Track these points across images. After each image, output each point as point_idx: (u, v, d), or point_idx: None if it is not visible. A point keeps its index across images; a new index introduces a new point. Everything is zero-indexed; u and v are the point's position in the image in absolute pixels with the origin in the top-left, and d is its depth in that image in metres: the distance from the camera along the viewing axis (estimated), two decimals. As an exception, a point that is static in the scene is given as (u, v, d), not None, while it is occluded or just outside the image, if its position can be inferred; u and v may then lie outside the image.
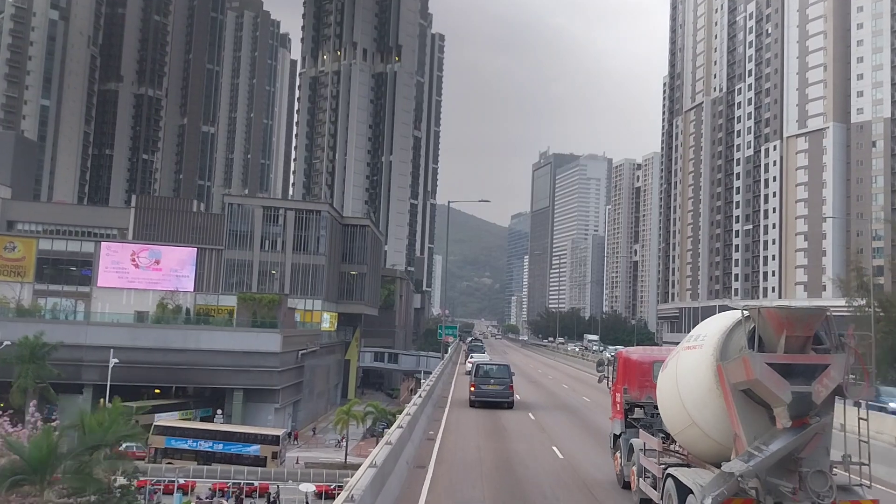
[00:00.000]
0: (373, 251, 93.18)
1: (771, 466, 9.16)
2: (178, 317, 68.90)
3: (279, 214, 77.55)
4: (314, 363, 74.12)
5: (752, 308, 9.75)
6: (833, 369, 9.19)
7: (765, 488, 9.23)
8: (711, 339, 10.17)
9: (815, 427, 9.22)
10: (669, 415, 11.68)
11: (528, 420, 26.87)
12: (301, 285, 77.19)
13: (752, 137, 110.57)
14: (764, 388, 9.12)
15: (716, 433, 10.20)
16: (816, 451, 9.42)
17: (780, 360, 9.17)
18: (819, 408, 9.24)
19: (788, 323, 9.33)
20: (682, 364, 10.98)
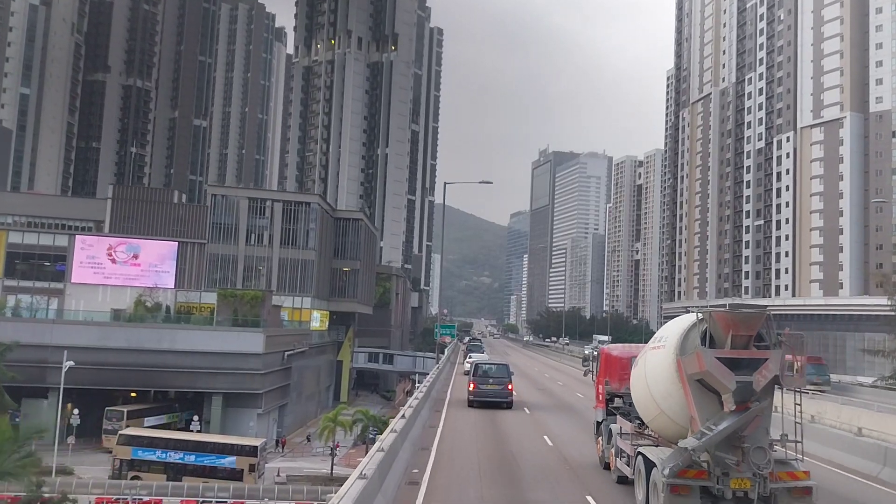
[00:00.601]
0: (367, 247, 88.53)
1: (719, 443, 11.16)
2: (156, 315, 64.17)
3: (266, 206, 72.85)
4: (303, 364, 69.51)
5: (704, 311, 11.83)
6: (771, 363, 11.06)
7: (714, 461, 11.28)
8: (672, 339, 12.10)
9: (755, 410, 11.18)
10: (642, 405, 13.70)
11: (541, 441, 22.85)
12: (289, 282, 72.51)
13: (763, 129, 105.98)
14: (714, 377, 11.08)
15: (680, 419, 12.09)
16: (757, 430, 11.36)
17: (727, 354, 11.19)
18: (759, 395, 11.16)
19: (734, 324, 11.39)
20: (650, 362, 12.98)
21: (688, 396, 11.64)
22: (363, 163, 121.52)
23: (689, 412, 11.70)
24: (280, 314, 65.14)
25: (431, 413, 26.44)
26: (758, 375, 11.07)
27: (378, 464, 12.40)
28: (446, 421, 25.74)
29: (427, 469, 16.89)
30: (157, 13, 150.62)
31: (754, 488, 11.24)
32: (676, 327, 12.42)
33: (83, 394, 54.64)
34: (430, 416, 25.70)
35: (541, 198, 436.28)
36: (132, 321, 58.26)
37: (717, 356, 11.11)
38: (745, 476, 11.23)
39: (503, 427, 25.25)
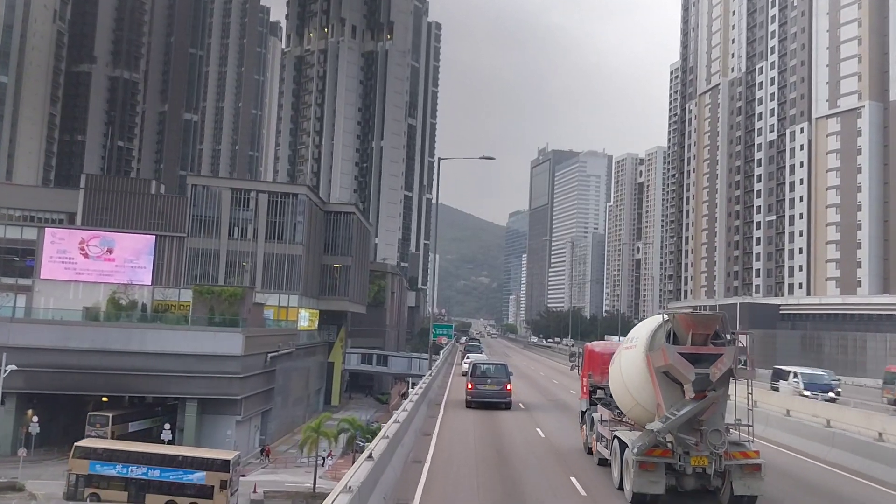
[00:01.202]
0: (360, 242, 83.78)
1: (681, 426, 13.17)
2: (132, 314, 59.39)
3: (250, 198, 68.10)
4: (289, 366, 64.76)
5: (669, 313, 14.20)
6: (725, 357, 13.13)
7: (676, 441, 13.33)
8: (642, 338, 14.25)
9: (712, 398, 13.24)
10: (619, 396, 16.04)
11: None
12: (275, 278, 67.78)
13: (775, 120, 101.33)
14: (676, 370, 13.16)
15: (651, 407, 14.13)
16: (714, 415, 13.39)
17: (688, 350, 13.31)
18: (715, 384, 13.22)
19: (694, 324, 13.55)
20: (624, 360, 15.33)
21: (655, 386, 13.55)
22: (357, 156, 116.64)
23: (656, 399, 13.64)
24: (263, 313, 60.39)
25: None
26: (714, 368, 13.04)
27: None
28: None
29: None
30: (146, 3, 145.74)
31: (711, 465, 13.20)
32: (646, 328, 14.41)
33: (47, 399, 50.05)
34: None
35: (540, 197, 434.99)
36: (102, 320, 53.41)
37: (680, 351, 13.14)
38: (703, 454, 13.14)
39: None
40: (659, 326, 13.87)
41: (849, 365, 79.44)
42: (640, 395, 14.37)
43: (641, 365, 13.98)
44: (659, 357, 13.28)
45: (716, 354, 13.15)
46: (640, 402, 14.49)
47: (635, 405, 14.87)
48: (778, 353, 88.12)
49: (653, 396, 13.79)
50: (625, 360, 15.18)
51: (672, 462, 13.41)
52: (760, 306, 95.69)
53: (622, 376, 15.32)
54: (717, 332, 13.61)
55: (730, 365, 13.11)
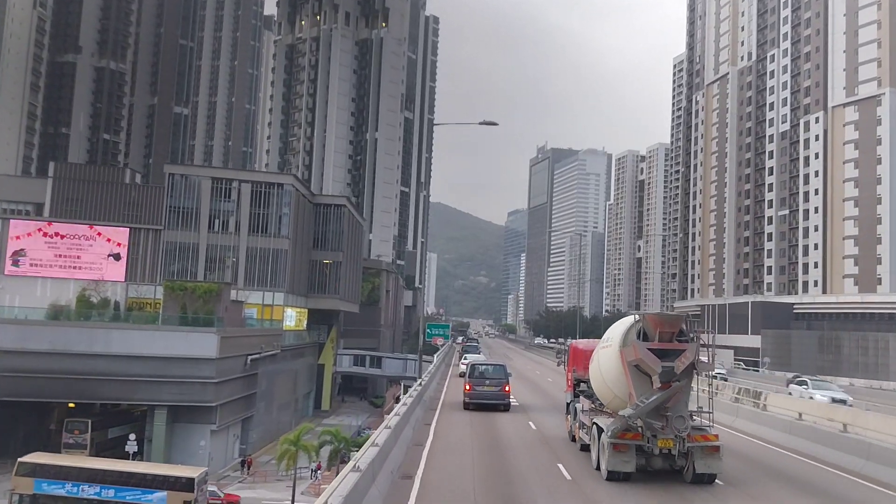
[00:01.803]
0: (352, 237, 79.06)
1: (649, 412, 15.13)
2: (104, 313, 54.61)
3: (232, 188, 63.34)
4: (273, 369, 60.07)
5: (640, 314, 16.43)
6: (688, 353, 15.07)
7: (645, 426, 15.27)
8: (616, 336, 16.34)
9: (676, 388, 15.20)
10: (599, 389, 18.23)
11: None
12: (259, 274, 63.05)
13: (788, 110, 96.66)
14: (645, 363, 15.10)
15: (626, 397, 15.95)
16: (679, 403, 15.47)
17: (655, 346, 15.26)
18: (679, 376, 15.09)
19: (661, 323, 15.66)
20: (602, 356, 17.54)
21: (627, 377, 15.77)
22: (351, 148, 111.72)
23: (628, 389, 15.79)
24: (243, 311, 55.63)
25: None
26: (678, 362, 15.11)
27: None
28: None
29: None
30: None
31: (676, 447, 15.41)
32: (620, 328, 16.71)
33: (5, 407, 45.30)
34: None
35: (539, 195, 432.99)
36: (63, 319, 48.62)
37: (648, 347, 15.32)
38: (669, 437, 15.37)
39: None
40: (631, 326, 16.00)
41: (870, 367, 74.86)
42: (616, 387, 16.54)
43: (616, 360, 16.07)
44: (631, 352, 15.35)
45: (680, 350, 15.17)
46: (616, 393, 16.62)
47: (612, 396, 17.01)
48: (793, 355, 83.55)
49: (626, 387, 15.80)
50: (602, 357, 17.49)
51: (642, 444, 15.47)
52: (773, 305, 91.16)
53: (600, 370, 17.53)
54: (682, 330, 15.79)
55: (692, 359, 15.07)
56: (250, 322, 60.98)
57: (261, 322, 62.86)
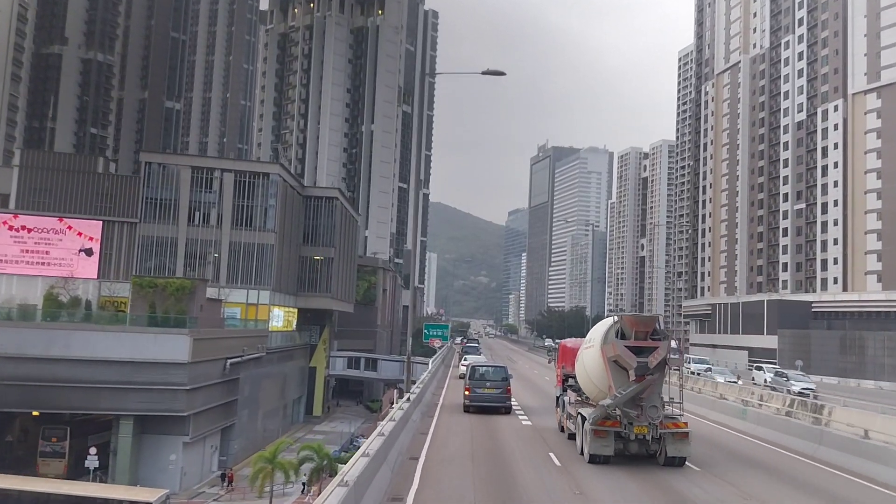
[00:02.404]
0: (345, 232, 74.42)
1: (626, 402, 17.25)
2: (75, 313, 49.97)
3: (213, 177, 58.69)
4: (258, 373, 55.48)
5: (618, 316, 18.67)
6: (660, 350, 17.25)
7: (623, 414, 17.38)
8: (597, 338, 18.65)
9: (650, 381, 17.33)
10: (583, 383, 20.68)
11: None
12: (243, 271, 58.41)
13: (804, 98, 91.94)
14: (623, 359, 17.26)
15: (606, 389, 18.29)
16: (652, 394, 17.52)
17: (632, 344, 17.45)
18: (652, 371, 17.24)
19: (636, 323, 17.93)
20: (586, 358, 19.97)
21: (607, 372, 17.89)
22: (346, 141, 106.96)
23: (608, 382, 17.99)
24: (221, 310, 50.99)
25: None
26: (651, 358, 17.19)
27: None
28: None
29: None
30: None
31: (650, 433, 17.47)
32: (601, 329, 19.12)
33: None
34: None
35: (540, 194, 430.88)
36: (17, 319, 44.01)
37: (625, 345, 17.47)
38: (644, 424, 17.41)
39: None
40: (611, 326, 18.49)
41: (896, 370, 70.37)
42: (598, 380, 19.04)
43: (598, 356, 18.54)
44: (610, 349, 17.81)
45: (653, 347, 17.56)
46: (598, 386, 19.17)
47: (594, 388, 19.59)
48: (813, 356, 78.82)
49: (606, 380, 18.22)
50: (586, 354, 20.21)
51: (620, 430, 17.76)
52: (790, 303, 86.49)
53: (584, 366, 20.18)
54: (655, 329, 18.21)
55: (664, 355, 17.52)
56: (232, 322, 56.42)
57: (245, 322, 58.27)
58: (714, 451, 21.00)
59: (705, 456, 19.69)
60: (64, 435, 41.80)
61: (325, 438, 67.04)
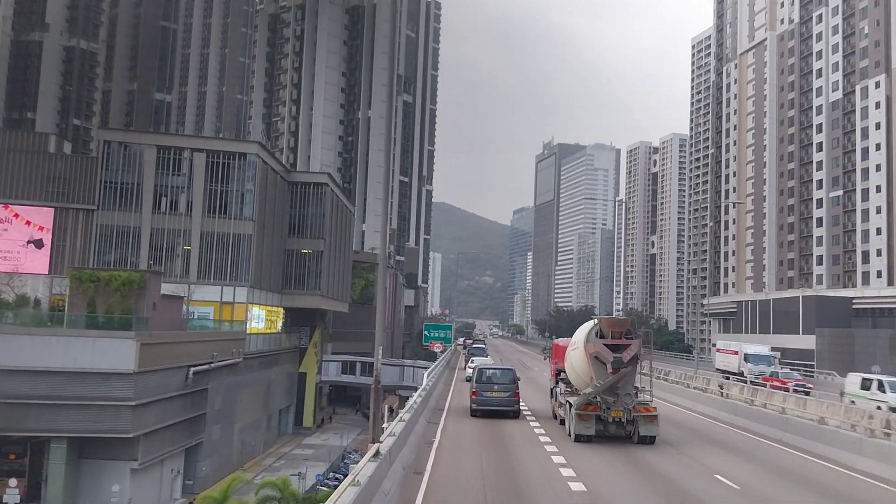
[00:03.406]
0: (337, 223, 67.05)
1: (604, 390, 21.14)
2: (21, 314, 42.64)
3: (182, 158, 51.31)
4: (234, 382, 48.15)
5: (597, 319, 22.94)
6: (632, 347, 21.07)
7: (602, 400, 21.27)
8: (581, 337, 22.71)
9: (624, 373, 21.00)
10: (571, 377, 24.40)
11: None
12: (216, 265, 50.99)
13: (839, 76, 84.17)
14: (601, 354, 21.03)
15: (589, 380, 21.95)
16: (626, 384, 21.41)
17: (609, 342, 21.26)
18: (626, 364, 20.91)
19: (613, 325, 21.99)
20: (573, 358, 23.56)
21: (589, 365, 21.58)
22: (341, 128, 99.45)
23: (590, 374, 21.58)
24: (182, 309, 43.57)
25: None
26: (625, 354, 20.93)
27: None
28: None
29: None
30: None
31: (624, 416, 21.29)
32: (584, 329, 23.20)
33: None
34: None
35: (545, 193, 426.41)
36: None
37: (604, 343, 21.35)
38: (619, 409, 21.26)
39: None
40: (592, 327, 22.38)
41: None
42: (582, 372, 22.58)
43: (582, 352, 22.18)
44: (591, 346, 21.47)
45: (626, 345, 21.28)
46: (582, 377, 22.71)
47: (579, 379, 23.18)
48: (857, 357, 70.88)
49: (589, 372, 21.72)
50: (573, 358, 23.58)
51: (600, 414, 21.46)
52: (828, 300, 78.73)
53: (571, 361, 23.86)
54: (629, 330, 22.11)
55: (636, 352, 21.27)
56: (201, 324, 49.08)
57: (219, 324, 50.87)
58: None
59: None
60: (24, 451, 35.29)
61: (313, 454, 59.73)
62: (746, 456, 20.36)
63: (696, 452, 20.70)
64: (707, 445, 22.15)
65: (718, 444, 22.46)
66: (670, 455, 20.01)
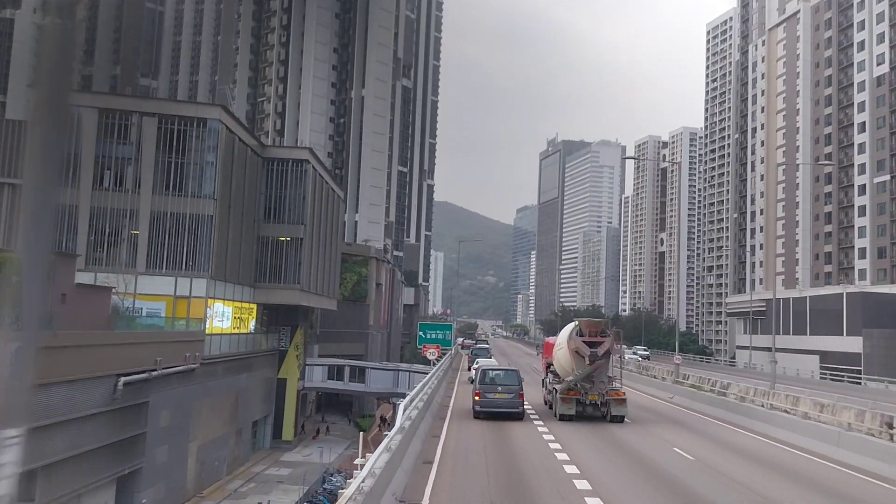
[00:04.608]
0: (321, 207, 58.62)
1: (583, 378, 26.47)
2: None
3: (130, 124, 42.90)
4: (187, 393, 39.77)
5: (577, 321, 28.15)
6: (605, 343, 26.08)
7: (581, 387, 26.82)
8: (565, 337, 28.29)
9: (598, 364, 26.06)
10: (558, 369, 29.62)
11: None
12: (169, 252, 42.52)
13: (885, 48, 75.57)
14: (581, 349, 25.98)
15: (570, 370, 27.08)
16: (601, 373, 26.85)
17: (587, 339, 26.28)
18: (600, 358, 25.99)
19: (590, 325, 27.19)
20: (559, 356, 29.02)
21: (571, 358, 26.66)
22: (332, 109, 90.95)
23: (572, 365, 26.77)
24: (109, 301, 34.99)
25: None
26: (599, 349, 25.93)
27: None
28: None
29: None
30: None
31: (599, 399, 26.69)
32: (567, 330, 29.21)
33: None
34: None
35: (549, 191, 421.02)
36: None
37: (582, 340, 26.31)
38: (595, 393, 26.68)
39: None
40: (573, 328, 27.65)
41: None
42: (565, 364, 27.66)
43: (565, 347, 27.38)
44: (573, 343, 26.51)
45: (601, 342, 26.31)
46: (566, 368, 27.76)
47: (563, 370, 28.28)
48: (914, 362, 62.61)
49: (570, 364, 26.92)
50: (559, 356, 28.98)
51: (579, 397, 26.79)
52: (877, 297, 70.05)
53: (558, 356, 29.57)
54: (603, 329, 27.18)
55: (608, 347, 26.33)
56: (150, 322, 40.66)
57: (172, 322, 42.43)
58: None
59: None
60: None
61: (290, 474, 51.22)
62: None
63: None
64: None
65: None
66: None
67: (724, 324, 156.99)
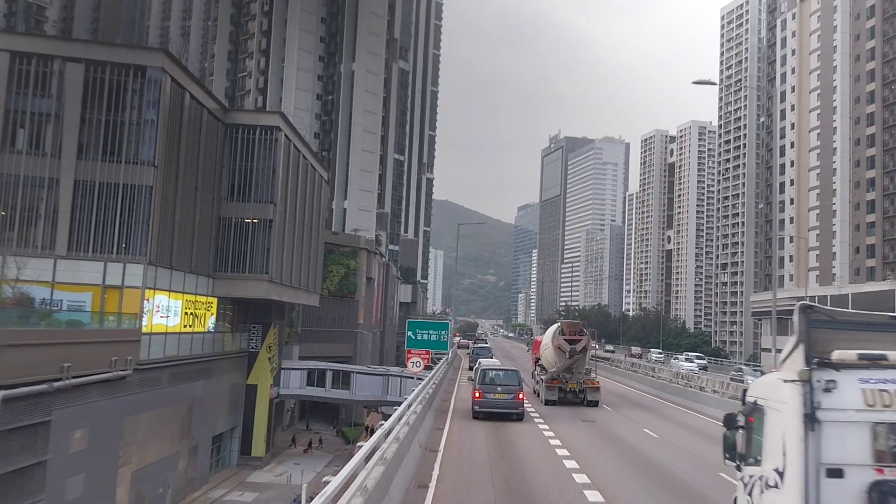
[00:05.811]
0: (297, 184, 50.22)
1: (564, 370, 33.95)
2: None
3: (51, 72, 34.55)
4: (114, 406, 31.52)
5: (560, 322, 38.22)
6: (583, 341, 33.88)
7: (562, 377, 34.10)
8: (549, 336, 36.59)
9: (576, 358, 33.53)
10: (544, 363, 36.96)
11: None
12: (97, 230, 34.12)
13: (939, 15, 67.16)
14: (562, 346, 33.62)
15: (554, 363, 34.42)
16: (579, 365, 34.06)
17: (567, 337, 34.01)
18: (578, 353, 33.47)
19: (570, 326, 35.36)
20: (545, 351, 36.80)
21: (554, 353, 33.34)
22: (319, 85, 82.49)
23: (555, 359, 33.39)
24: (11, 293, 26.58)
25: None
26: (577, 345, 33.05)
27: None
28: None
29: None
30: None
31: (578, 387, 33.52)
32: (551, 330, 36.80)
33: None
34: None
35: (551, 188, 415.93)
36: None
37: (563, 338, 33.44)
38: (574, 382, 33.51)
39: None
40: (556, 328, 34.86)
41: None
42: (550, 358, 34.24)
43: (550, 344, 34.07)
44: (556, 340, 33.25)
45: (578, 339, 33.19)
46: (550, 361, 34.35)
47: (548, 363, 34.87)
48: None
49: (554, 358, 33.41)
50: (546, 353, 35.44)
51: (561, 386, 33.32)
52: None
53: (544, 352, 36.49)
54: (581, 329, 34.14)
55: (585, 344, 33.14)
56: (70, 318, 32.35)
57: (101, 318, 34.09)
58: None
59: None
60: None
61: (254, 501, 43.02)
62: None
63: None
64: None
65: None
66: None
67: (738, 324, 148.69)
